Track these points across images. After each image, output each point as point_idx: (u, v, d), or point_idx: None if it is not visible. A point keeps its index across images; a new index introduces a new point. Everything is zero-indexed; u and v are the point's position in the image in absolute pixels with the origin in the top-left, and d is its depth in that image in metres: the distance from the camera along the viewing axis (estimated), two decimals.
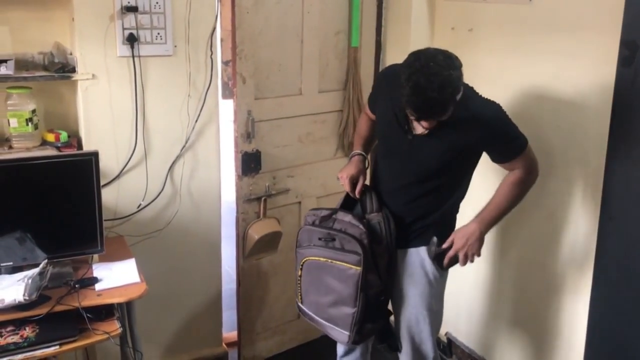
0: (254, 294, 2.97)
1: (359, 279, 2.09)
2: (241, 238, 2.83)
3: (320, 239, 2.19)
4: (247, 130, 2.70)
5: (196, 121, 2.62)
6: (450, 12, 2.83)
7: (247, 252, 2.84)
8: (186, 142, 2.63)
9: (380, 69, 3.09)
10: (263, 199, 2.82)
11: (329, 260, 2.16)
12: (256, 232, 2.81)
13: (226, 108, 2.94)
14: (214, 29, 2.56)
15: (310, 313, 2.28)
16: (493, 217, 2.13)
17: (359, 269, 2.09)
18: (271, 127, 2.80)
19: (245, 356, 3.02)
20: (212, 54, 2.58)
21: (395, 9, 2.99)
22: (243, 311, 2.94)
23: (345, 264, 2.11)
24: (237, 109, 2.65)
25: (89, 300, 2.03)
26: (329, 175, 2.99)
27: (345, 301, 2.13)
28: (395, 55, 3.01)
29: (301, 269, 2.27)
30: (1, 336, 1.90)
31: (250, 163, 2.74)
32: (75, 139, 2.45)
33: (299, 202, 3.01)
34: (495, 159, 2.12)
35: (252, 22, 2.61)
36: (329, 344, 2.48)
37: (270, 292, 3.03)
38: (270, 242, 2.90)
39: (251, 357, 3.04)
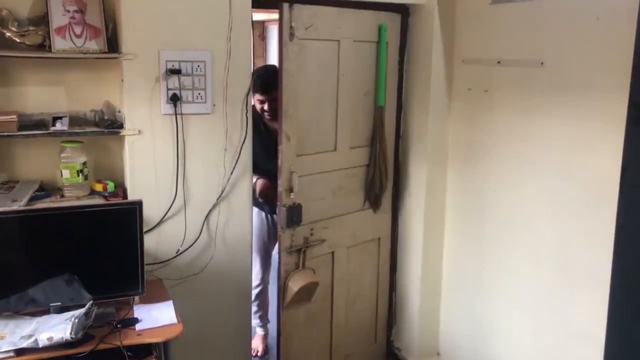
0: (293, 343, 3.07)
1: None
2: (282, 289, 2.95)
3: None
4: (290, 185, 2.85)
5: (231, 173, 2.80)
6: (467, 75, 3.00)
7: (287, 303, 2.96)
8: (222, 192, 2.81)
9: (402, 127, 3.28)
10: (302, 250, 2.96)
11: None
12: (295, 284, 2.92)
13: None
14: (249, 89, 2.77)
15: None
16: None
17: None
18: (310, 182, 2.96)
19: None
20: (247, 112, 2.78)
21: (416, 71, 3.18)
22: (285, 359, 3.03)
23: None
24: (282, 166, 2.81)
25: (129, 339, 2.18)
26: (357, 225, 3.19)
27: None
28: (416, 114, 3.22)
29: None
30: None
31: (292, 216, 2.89)
32: (121, 189, 2.65)
33: (332, 252, 3.15)
34: None
35: (296, 85, 2.80)
36: None
37: (305, 340, 3.13)
38: (308, 292, 3.01)
39: None
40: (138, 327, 2.27)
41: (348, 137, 3.09)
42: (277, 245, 3.05)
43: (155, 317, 2.34)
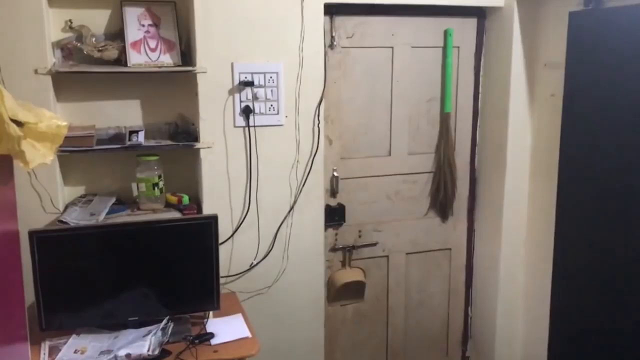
0: (338, 337, 3.13)
1: None
2: (326, 284, 3.04)
3: None
4: (332, 187, 2.97)
5: (303, 185, 2.77)
6: (549, 79, 2.84)
7: (331, 297, 3.03)
8: (294, 205, 2.77)
9: (478, 134, 3.16)
10: (348, 249, 3.03)
11: None
12: (340, 279, 3.03)
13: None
14: (321, 99, 2.72)
15: None
16: None
17: None
18: (357, 185, 3.03)
19: None
20: (318, 123, 2.73)
21: (494, 76, 3.05)
22: (327, 352, 3.10)
23: None
24: (324, 168, 2.87)
25: (205, 355, 2.17)
26: (419, 232, 3.19)
27: None
28: (494, 121, 3.07)
29: None
30: None
31: (334, 216, 2.97)
32: (195, 202, 2.65)
33: (387, 256, 3.18)
34: None
35: (338, 91, 2.88)
36: None
37: (355, 338, 3.19)
38: (355, 290, 3.09)
39: None
40: (213, 341, 2.26)
41: (405, 143, 3.09)
42: None
43: (230, 331, 2.34)
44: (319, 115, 2.73)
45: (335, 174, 2.95)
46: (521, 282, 3.18)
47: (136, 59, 2.45)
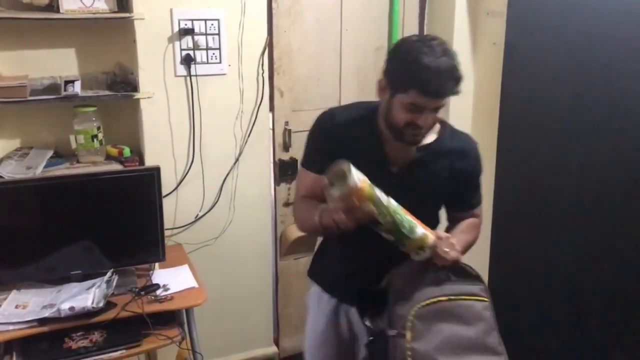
0: (292, 291, 3.16)
1: (491, 313, 1.64)
2: (279, 239, 3.05)
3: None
4: (284, 140, 2.90)
5: (248, 135, 2.74)
6: (491, 28, 2.87)
7: (284, 251, 3.05)
8: (239, 155, 2.75)
9: None
10: None
11: (452, 299, 1.61)
12: (292, 233, 3.02)
13: None
14: (265, 48, 2.67)
15: None
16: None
17: (487, 300, 1.66)
18: None
19: (284, 348, 3.21)
20: (263, 72, 2.69)
21: (437, 24, 3.06)
22: (281, 306, 3.15)
23: (472, 299, 1.64)
24: (275, 121, 2.85)
25: (152, 306, 2.17)
26: None
27: (485, 349, 1.60)
28: None
29: (410, 330, 1.56)
30: (73, 340, 2.05)
31: (287, 170, 2.95)
32: (136, 154, 2.59)
33: None
34: (457, 205, 1.87)
35: (289, 39, 2.80)
36: None
37: (307, 289, 3.17)
38: (307, 243, 3.08)
39: (290, 348, 3.23)
40: (160, 293, 2.25)
41: (355, 94, 3.05)
42: None
43: (177, 283, 2.33)
44: (263, 65, 2.68)
45: (288, 126, 2.90)
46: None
47: (69, 5, 2.33)
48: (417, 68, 1.52)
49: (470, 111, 3.09)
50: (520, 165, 2.69)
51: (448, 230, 1.87)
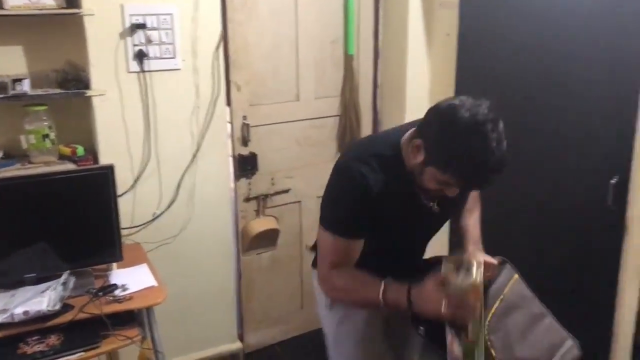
0: (255, 286, 3.16)
1: (524, 284, 1.76)
2: (240, 234, 3.04)
3: None
4: (243, 135, 2.87)
5: (206, 131, 2.71)
6: (445, 19, 2.90)
7: (246, 247, 3.05)
8: (197, 151, 2.72)
9: (378, 75, 3.19)
10: (261, 198, 3.02)
11: (502, 298, 1.69)
12: (253, 228, 3.02)
13: None
14: (220, 41, 2.65)
15: None
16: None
17: (517, 274, 1.76)
18: (268, 132, 2.97)
19: (249, 343, 3.21)
20: (218, 67, 2.66)
21: (392, 16, 3.07)
22: (245, 302, 3.15)
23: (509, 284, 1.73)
24: (233, 115, 2.82)
25: (110, 307, 2.13)
26: (328, 176, 3.07)
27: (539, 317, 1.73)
28: (392, 62, 3.10)
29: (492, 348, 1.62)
30: (28, 345, 1.98)
31: (246, 165, 2.92)
32: (90, 153, 2.54)
33: (299, 202, 3.19)
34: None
35: (245, 33, 2.77)
36: None
37: (271, 285, 3.22)
38: (269, 238, 3.10)
39: (255, 343, 3.24)
40: (118, 293, 2.21)
41: (312, 87, 3.05)
42: None
43: (135, 282, 2.29)
44: (218, 59, 2.66)
45: (246, 121, 2.88)
46: None
47: (14, 1, 2.26)
48: (466, 160, 1.40)
49: (426, 103, 3.11)
50: None
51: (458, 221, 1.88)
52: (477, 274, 1.51)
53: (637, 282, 2.31)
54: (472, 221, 1.89)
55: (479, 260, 1.63)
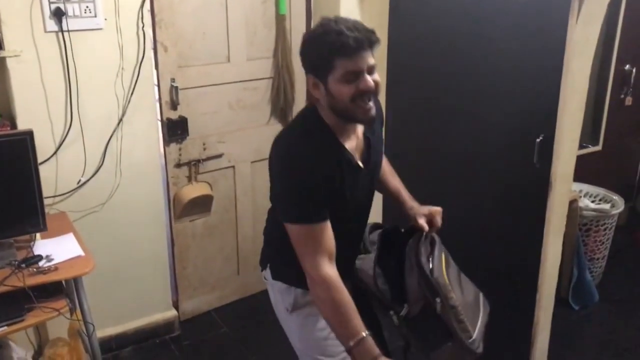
0: (189, 253, 3.12)
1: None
2: (172, 201, 2.97)
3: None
4: (172, 98, 2.79)
5: (131, 94, 2.60)
6: None
7: (178, 214, 2.98)
8: (122, 116, 2.61)
9: None
10: (193, 163, 2.95)
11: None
12: (186, 195, 2.95)
13: None
14: (144, 0, 2.53)
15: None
16: None
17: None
18: (198, 95, 2.89)
19: (184, 310, 3.18)
20: (143, 26, 2.54)
21: None
22: (179, 269, 3.11)
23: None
24: (160, 78, 2.73)
25: (34, 279, 2.04)
26: (262, 140, 3.11)
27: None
28: None
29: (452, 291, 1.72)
30: None
31: (176, 129, 2.84)
32: (8, 119, 2.40)
33: (233, 167, 3.13)
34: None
35: None
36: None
37: (206, 251, 3.19)
38: (202, 205, 3.04)
39: (190, 310, 3.21)
40: (43, 264, 2.12)
41: (244, 48, 2.98)
42: None
43: (61, 252, 2.20)
44: (143, 18, 2.54)
45: (174, 84, 2.77)
46: None
47: None
48: (330, 37, 1.51)
49: None
50: (409, 107, 2.76)
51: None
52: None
53: (560, 237, 2.42)
54: (399, 182, 1.96)
55: (424, 211, 1.80)
